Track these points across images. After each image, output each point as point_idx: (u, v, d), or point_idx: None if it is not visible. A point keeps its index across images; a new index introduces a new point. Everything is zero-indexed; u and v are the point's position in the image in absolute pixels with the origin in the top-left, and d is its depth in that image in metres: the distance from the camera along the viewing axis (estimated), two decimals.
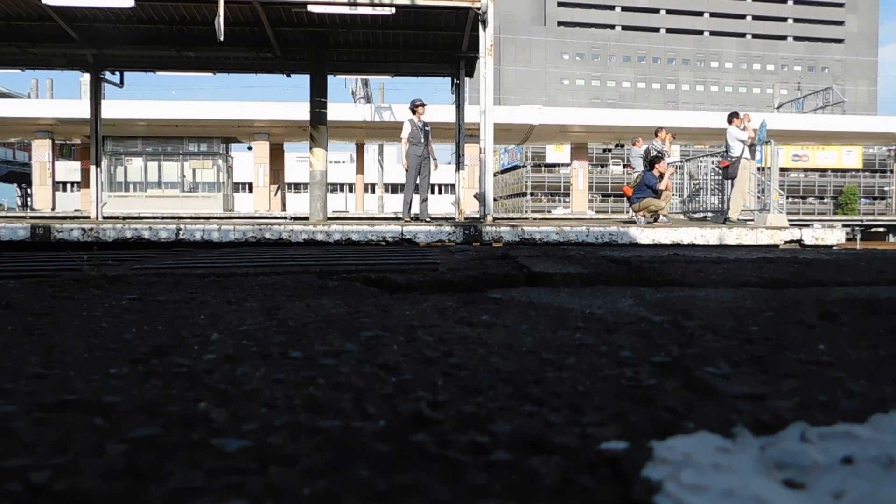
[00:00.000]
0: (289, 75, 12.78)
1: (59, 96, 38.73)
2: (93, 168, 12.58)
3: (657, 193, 9.38)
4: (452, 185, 16.85)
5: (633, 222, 9.38)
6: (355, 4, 9.16)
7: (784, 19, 74.25)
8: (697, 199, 11.27)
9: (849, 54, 72.92)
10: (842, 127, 26.16)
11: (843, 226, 16.90)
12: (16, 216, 18.37)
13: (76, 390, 0.95)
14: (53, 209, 25.93)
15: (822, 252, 4.42)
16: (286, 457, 0.69)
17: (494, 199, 28.99)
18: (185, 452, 0.70)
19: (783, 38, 73.77)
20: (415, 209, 9.85)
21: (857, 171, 39.44)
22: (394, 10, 9.28)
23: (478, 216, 9.96)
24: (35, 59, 12.30)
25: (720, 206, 10.17)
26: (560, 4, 73.37)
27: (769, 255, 3.71)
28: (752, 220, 9.27)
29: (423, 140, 9.59)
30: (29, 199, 33.69)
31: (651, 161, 9.82)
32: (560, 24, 72.44)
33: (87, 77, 14.54)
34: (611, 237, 7.78)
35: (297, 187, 42.20)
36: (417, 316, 1.69)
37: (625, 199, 12.04)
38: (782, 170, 28.29)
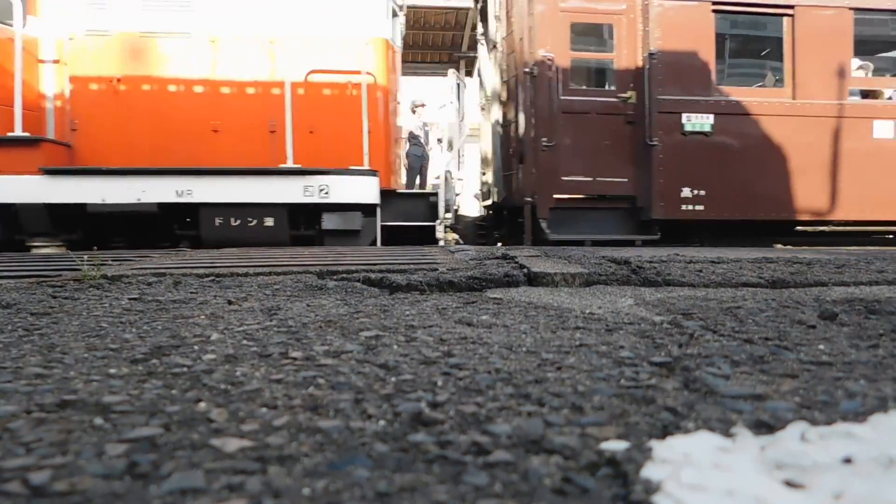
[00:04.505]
0: None
1: None
2: None
3: None
4: None
5: None
6: None
7: None
8: None
9: None
10: None
11: None
12: None
13: (76, 390, 0.95)
14: None
15: (822, 252, 4.42)
16: (286, 457, 0.69)
17: None
18: (185, 452, 0.70)
19: None
20: None
21: None
22: None
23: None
24: None
25: None
26: None
27: (769, 255, 3.71)
28: None
29: (423, 140, 9.59)
30: None
31: None
32: None
33: None
34: None
35: None
36: (417, 316, 1.69)
37: None
38: None
